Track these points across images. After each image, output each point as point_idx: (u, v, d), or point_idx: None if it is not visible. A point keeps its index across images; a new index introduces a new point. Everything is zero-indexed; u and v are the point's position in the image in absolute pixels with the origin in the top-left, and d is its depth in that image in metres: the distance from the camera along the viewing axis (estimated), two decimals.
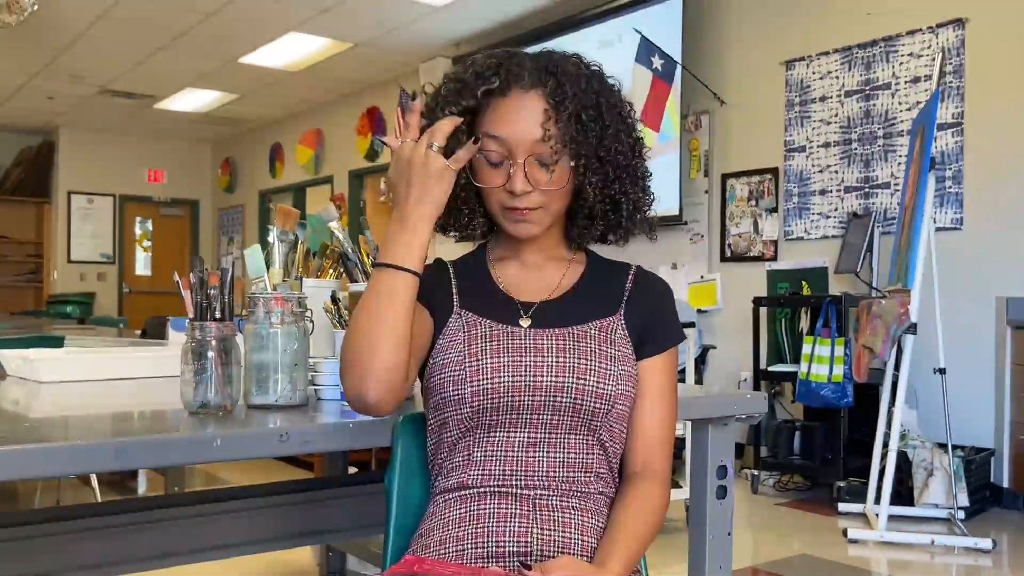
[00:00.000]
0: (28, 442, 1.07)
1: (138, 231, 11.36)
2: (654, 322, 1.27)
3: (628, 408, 1.22)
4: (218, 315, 1.32)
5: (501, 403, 1.16)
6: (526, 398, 1.16)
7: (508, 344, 1.19)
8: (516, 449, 1.17)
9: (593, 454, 1.20)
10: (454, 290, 1.26)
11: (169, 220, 11.53)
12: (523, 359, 1.18)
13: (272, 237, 1.77)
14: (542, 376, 1.17)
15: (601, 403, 1.18)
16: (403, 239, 1.15)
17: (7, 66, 7.91)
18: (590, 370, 1.18)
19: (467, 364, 1.17)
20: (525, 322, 1.22)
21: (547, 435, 1.18)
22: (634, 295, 1.28)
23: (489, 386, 1.16)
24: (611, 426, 1.20)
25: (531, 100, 1.18)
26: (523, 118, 1.17)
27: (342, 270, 1.78)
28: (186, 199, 11.57)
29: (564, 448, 1.18)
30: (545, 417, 1.17)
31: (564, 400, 1.17)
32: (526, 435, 1.17)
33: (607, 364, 1.19)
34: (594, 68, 1.24)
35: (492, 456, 1.17)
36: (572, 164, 1.19)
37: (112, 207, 10.95)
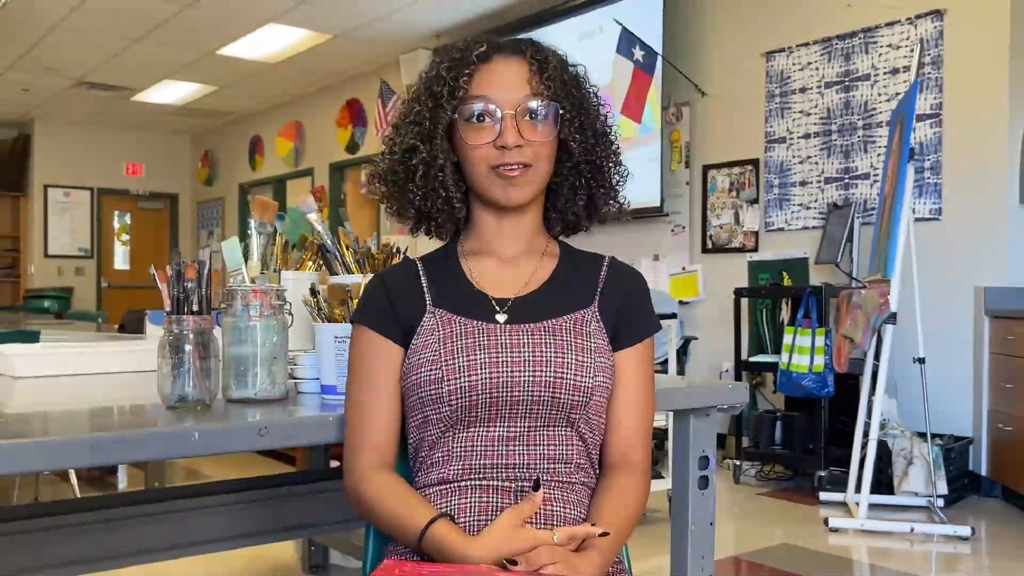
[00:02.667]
0: (2, 438, 1.05)
1: (116, 225, 11.25)
2: (629, 313, 1.27)
3: (606, 399, 1.23)
4: (195, 308, 1.31)
5: (480, 400, 1.15)
6: (504, 394, 1.16)
7: (484, 341, 1.18)
8: (496, 443, 1.17)
9: (572, 446, 1.20)
10: (424, 288, 1.25)
11: (148, 213, 11.43)
12: (500, 355, 1.17)
13: (251, 229, 1.76)
14: (519, 372, 1.16)
15: (579, 396, 1.17)
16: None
17: None
18: (567, 363, 1.18)
19: (443, 363, 1.16)
20: (501, 318, 1.21)
21: (526, 429, 1.17)
22: (608, 286, 1.28)
23: (467, 383, 1.15)
24: (589, 418, 1.20)
25: (514, 63, 1.22)
26: (508, 78, 1.21)
27: (321, 262, 1.77)
28: (165, 192, 11.47)
29: (544, 441, 1.18)
30: (524, 412, 1.17)
31: (542, 394, 1.16)
32: (505, 429, 1.17)
33: (583, 356, 1.19)
34: (560, 51, 1.28)
35: (472, 451, 1.17)
36: (562, 112, 1.22)
37: (90, 200, 10.84)
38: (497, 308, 1.23)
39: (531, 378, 1.16)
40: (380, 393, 1.21)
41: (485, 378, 1.15)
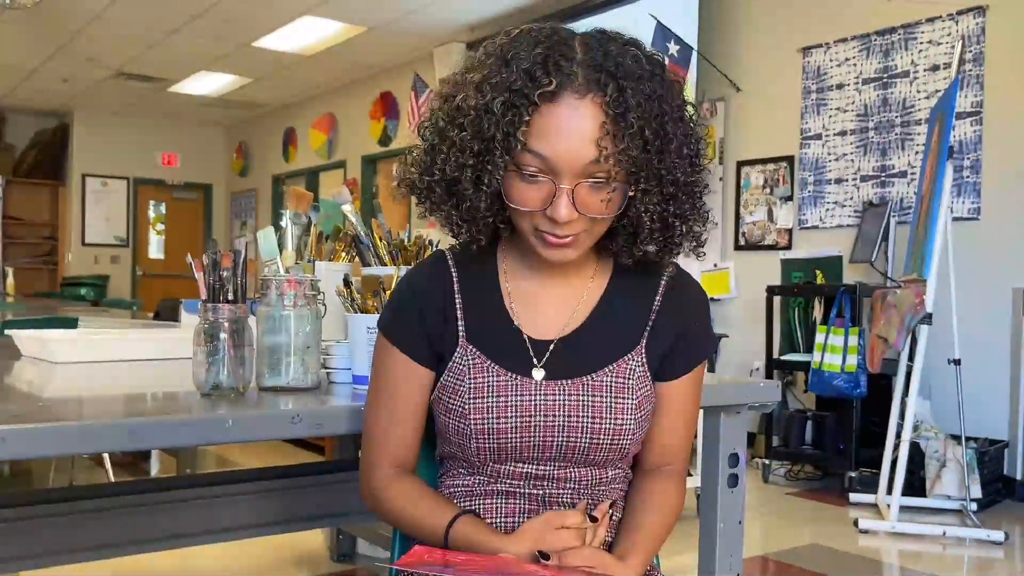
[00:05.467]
0: (41, 421, 1.07)
1: (152, 214, 11.40)
2: (682, 344, 1.17)
3: (641, 442, 1.18)
4: (231, 297, 1.32)
5: (509, 457, 1.12)
6: (536, 453, 1.11)
7: (517, 400, 1.10)
8: (525, 478, 1.14)
9: (606, 476, 1.17)
10: (459, 314, 1.14)
11: (182, 203, 11.56)
12: (533, 419, 1.09)
13: (285, 220, 1.77)
14: (552, 436, 1.10)
15: (614, 454, 1.13)
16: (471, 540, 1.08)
17: (23, 49, 7.93)
18: (604, 428, 1.11)
19: (472, 419, 1.10)
20: (538, 374, 1.11)
21: (556, 470, 1.13)
22: (663, 315, 1.16)
23: (496, 445, 1.11)
24: (624, 459, 1.18)
25: (586, 110, 0.98)
26: (575, 133, 0.98)
27: (355, 253, 1.78)
28: (199, 183, 11.59)
29: (575, 477, 1.14)
30: (555, 461, 1.13)
31: (575, 456, 1.12)
32: (535, 468, 1.13)
33: (622, 417, 1.11)
34: (656, 59, 1.04)
35: (499, 474, 1.15)
36: (632, 193, 1.03)
37: (126, 190, 10.99)
38: (535, 359, 1.12)
39: (564, 442, 1.10)
40: (404, 412, 1.15)
41: (516, 439, 1.10)
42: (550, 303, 1.15)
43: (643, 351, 1.15)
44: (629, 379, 1.13)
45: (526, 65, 0.99)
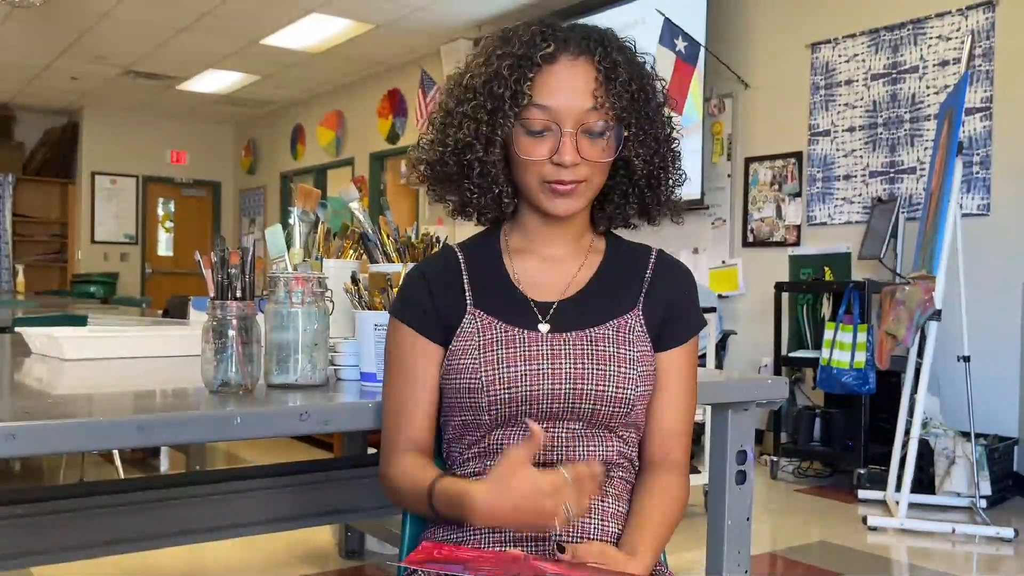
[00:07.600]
0: (52, 418, 1.08)
1: (160, 212, 11.43)
2: (674, 313, 1.24)
3: (646, 406, 1.21)
4: (239, 294, 1.32)
5: (519, 411, 1.15)
6: (544, 405, 1.14)
7: (525, 351, 1.16)
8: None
9: (612, 448, 1.19)
10: (466, 286, 1.21)
11: (191, 201, 11.59)
12: (541, 367, 1.15)
13: (293, 217, 1.77)
14: (560, 384, 1.14)
15: (620, 407, 1.16)
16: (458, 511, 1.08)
17: (32, 47, 7.96)
18: (609, 376, 1.15)
19: (483, 372, 1.14)
20: (544, 327, 1.18)
21: (565, 432, 1.16)
22: (654, 286, 1.24)
23: (507, 395, 1.14)
24: (629, 424, 1.19)
25: (580, 67, 1.14)
26: (573, 86, 1.13)
27: (362, 251, 1.78)
28: (208, 180, 11.61)
29: (582, 443, 1.17)
30: (563, 419, 1.16)
31: (583, 406, 1.15)
32: (544, 431, 1.15)
33: (626, 368, 1.16)
34: (629, 43, 1.21)
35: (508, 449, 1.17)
36: (625, 134, 1.16)
37: (135, 188, 11.02)
38: (539, 315, 1.19)
39: (572, 391, 1.14)
40: (420, 392, 1.19)
41: (525, 390, 1.14)
42: (551, 274, 1.23)
43: (640, 314, 1.22)
44: (630, 335, 1.20)
45: (526, 38, 1.15)
